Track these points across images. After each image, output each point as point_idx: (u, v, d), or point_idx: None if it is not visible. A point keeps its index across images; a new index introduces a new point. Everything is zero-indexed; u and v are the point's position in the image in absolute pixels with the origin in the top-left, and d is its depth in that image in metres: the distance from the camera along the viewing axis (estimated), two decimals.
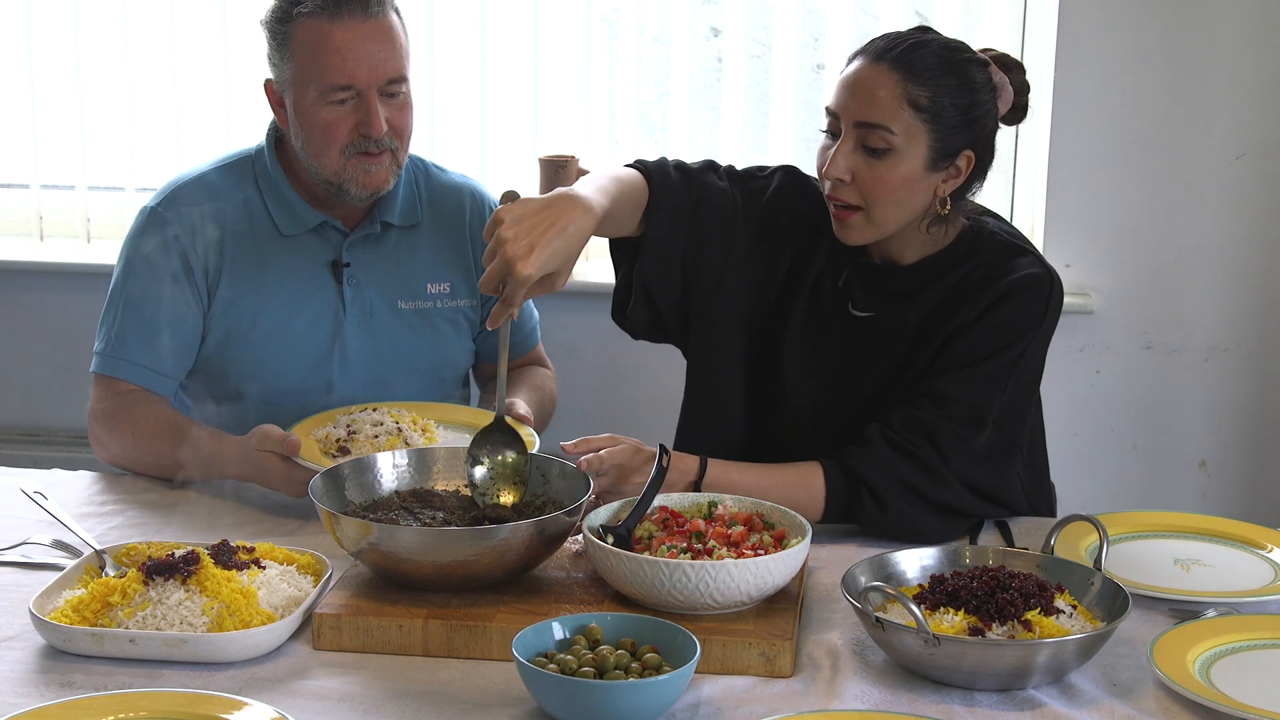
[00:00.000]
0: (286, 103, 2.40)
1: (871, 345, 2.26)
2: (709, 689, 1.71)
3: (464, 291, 2.56)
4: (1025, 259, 2.22)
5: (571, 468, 2.03)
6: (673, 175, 2.31)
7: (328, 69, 2.33)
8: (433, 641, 1.79)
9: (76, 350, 3.40)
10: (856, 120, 2.16)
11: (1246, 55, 3.29)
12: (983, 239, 2.25)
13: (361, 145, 2.36)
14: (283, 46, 2.37)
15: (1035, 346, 2.21)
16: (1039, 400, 2.33)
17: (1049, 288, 2.21)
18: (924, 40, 2.18)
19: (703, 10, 3.57)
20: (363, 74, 2.33)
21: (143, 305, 2.40)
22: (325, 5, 2.32)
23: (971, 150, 2.18)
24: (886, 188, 2.16)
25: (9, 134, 3.73)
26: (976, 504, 2.19)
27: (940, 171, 2.18)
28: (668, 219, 2.29)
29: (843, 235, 2.23)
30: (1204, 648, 1.77)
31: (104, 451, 2.43)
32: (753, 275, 2.33)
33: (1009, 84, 2.21)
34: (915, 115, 2.13)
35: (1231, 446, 3.47)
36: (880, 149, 2.14)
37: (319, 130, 2.36)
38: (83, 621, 1.78)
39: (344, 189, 2.39)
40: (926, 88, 2.13)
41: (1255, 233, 3.37)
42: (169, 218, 2.42)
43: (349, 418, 2.32)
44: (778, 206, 2.35)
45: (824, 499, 2.16)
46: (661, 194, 2.29)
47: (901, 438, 2.15)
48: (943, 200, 2.19)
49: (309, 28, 2.33)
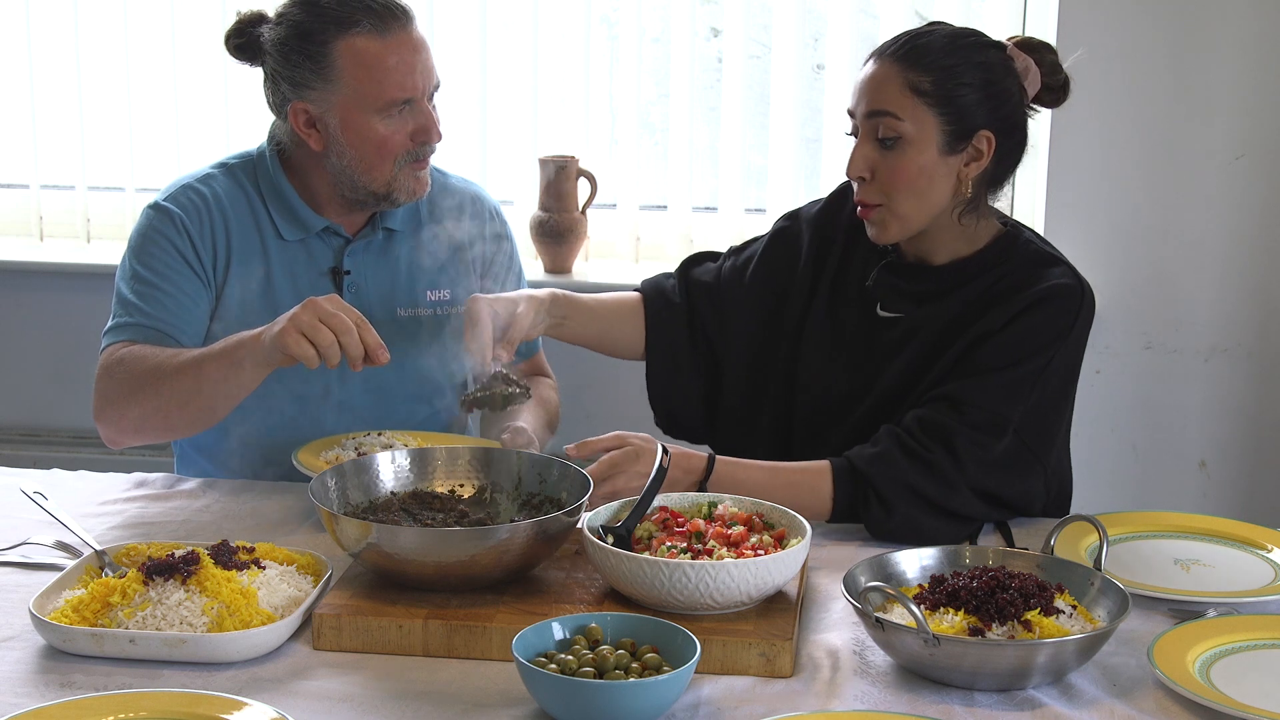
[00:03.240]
0: (330, 124, 2.35)
1: (896, 346, 2.26)
2: (709, 689, 1.71)
3: (464, 298, 2.55)
4: (1058, 269, 2.21)
5: (572, 468, 2.03)
6: (665, 284, 2.48)
7: (388, 84, 2.31)
8: (433, 642, 1.79)
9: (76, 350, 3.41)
10: (866, 113, 2.18)
11: (1246, 55, 3.29)
12: (1017, 246, 2.25)
13: (417, 154, 2.37)
14: (324, 69, 2.32)
15: (1063, 357, 2.19)
16: (1070, 416, 2.31)
17: (1079, 299, 2.19)
18: (930, 31, 2.21)
19: (703, 10, 3.58)
20: (419, 85, 2.34)
21: (153, 283, 2.36)
22: (374, 24, 2.30)
23: (990, 130, 2.18)
24: (903, 178, 2.17)
25: (9, 134, 3.73)
26: (987, 510, 2.18)
27: (958, 155, 2.18)
28: (666, 330, 2.46)
29: (875, 236, 2.25)
30: (1204, 648, 1.77)
31: (111, 414, 2.29)
32: (758, 322, 2.41)
33: (1034, 65, 2.21)
34: (920, 100, 2.15)
35: (1231, 446, 3.47)
36: (890, 138, 2.16)
37: (374, 145, 2.34)
38: (83, 622, 1.78)
39: (392, 197, 2.39)
40: (928, 72, 2.15)
41: (1255, 233, 3.37)
42: (177, 211, 2.41)
43: (355, 441, 2.31)
44: (772, 250, 2.44)
45: (831, 500, 2.16)
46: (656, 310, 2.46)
47: (914, 440, 2.14)
48: (968, 185, 2.19)
49: (358, 46, 2.31)
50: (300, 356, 2.10)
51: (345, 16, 2.31)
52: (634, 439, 2.12)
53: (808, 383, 2.34)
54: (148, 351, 2.28)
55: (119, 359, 2.30)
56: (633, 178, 3.58)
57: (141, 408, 2.27)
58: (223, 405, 2.25)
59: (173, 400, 2.24)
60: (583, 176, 3.46)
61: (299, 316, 2.11)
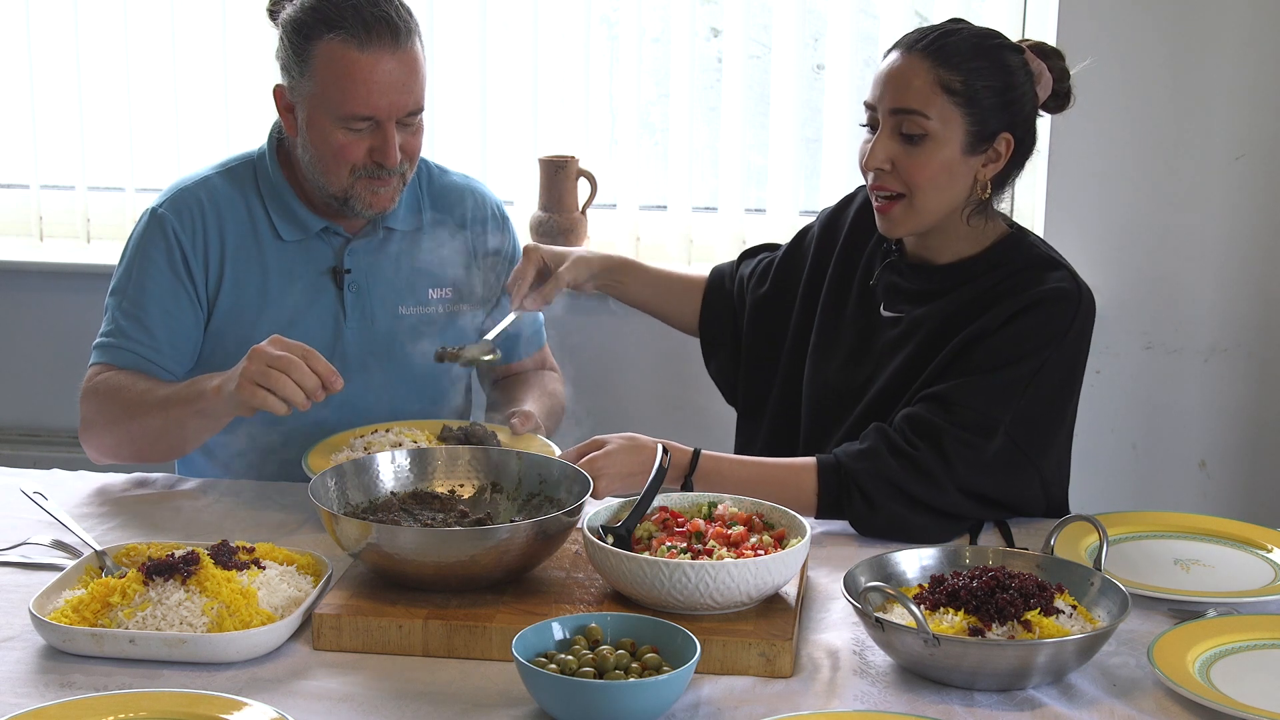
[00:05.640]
0: (299, 115, 2.37)
1: (895, 344, 2.27)
2: (709, 689, 1.71)
3: (466, 295, 2.55)
4: (1057, 273, 2.22)
5: (572, 468, 2.04)
6: (727, 270, 2.58)
7: (350, 97, 2.29)
8: (432, 642, 1.79)
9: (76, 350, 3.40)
10: (892, 108, 2.18)
11: (1246, 55, 3.29)
12: (1020, 249, 2.25)
13: (373, 170, 2.35)
14: (303, 61, 2.32)
15: (1056, 361, 2.19)
16: (1073, 419, 2.31)
17: (1076, 303, 2.19)
18: (956, 29, 2.21)
19: (703, 10, 3.57)
20: (384, 108, 2.30)
21: (142, 303, 2.39)
22: (355, 33, 2.27)
23: (1010, 133, 2.19)
24: (927, 174, 2.17)
25: (9, 134, 3.73)
26: (977, 509, 2.18)
27: (979, 155, 2.19)
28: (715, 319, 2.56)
29: (886, 228, 2.24)
30: (1204, 648, 1.77)
31: (90, 437, 2.37)
32: (774, 313, 2.47)
33: (1047, 70, 2.23)
34: (949, 99, 2.15)
35: (1231, 446, 3.46)
36: (917, 135, 2.16)
37: (331, 151, 2.33)
38: (83, 622, 1.78)
39: (349, 204, 2.39)
40: (959, 72, 2.15)
41: (1255, 233, 3.37)
42: (171, 220, 2.42)
43: (363, 440, 2.31)
44: (792, 256, 2.50)
45: (815, 495, 2.16)
46: (712, 292, 2.57)
47: (901, 438, 2.15)
48: (984, 185, 2.20)
49: (335, 51, 2.29)
50: (264, 408, 2.11)
51: (332, 16, 2.30)
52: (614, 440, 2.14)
53: (811, 382, 2.35)
54: (126, 382, 2.33)
55: (97, 387, 2.35)
56: (633, 178, 3.58)
57: (116, 437, 2.35)
58: (192, 444, 2.33)
59: (142, 437, 2.32)
60: (583, 176, 3.46)
61: (248, 369, 2.10)
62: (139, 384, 2.32)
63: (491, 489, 2.07)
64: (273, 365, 2.09)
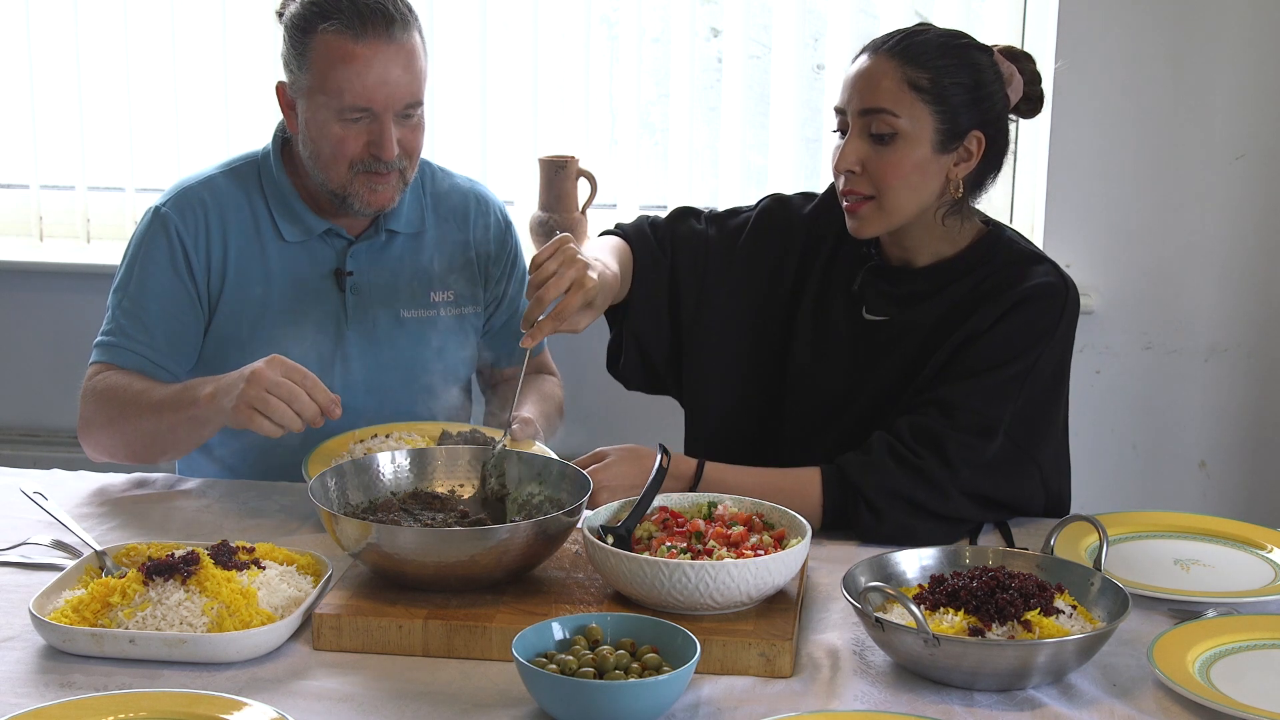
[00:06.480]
0: (299, 110, 2.37)
1: (883, 349, 2.26)
2: (709, 689, 1.71)
3: (468, 299, 2.55)
4: (1041, 267, 2.22)
5: (572, 468, 2.04)
6: (648, 233, 2.41)
7: (346, 89, 2.29)
8: (432, 642, 1.79)
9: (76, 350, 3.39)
10: (861, 109, 2.18)
11: (1246, 55, 3.29)
12: (1000, 246, 2.25)
13: (371, 165, 2.34)
14: (302, 55, 2.32)
15: (1049, 356, 2.19)
16: (1065, 414, 2.31)
17: (1063, 297, 2.20)
18: (922, 29, 2.22)
19: (703, 10, 3.58)
20: (380, 98, 2.30)
21: (144, 302, 2.39)
22: (350, 23, 2.28)
23: (981, 131, 2.19)
24: (897, 173, 2.16)
25: (9, 134, 3.73)
26: (980, 512, 2.18)
27: (950, 154, 2.18)
28: (650, 276, 2.38)
29: (856, 229, 2.23)
30: (1204, 648, 1.77)
31: (89, 436, 2.37)
32: (742, 300, 2.38)
33: (1018, 73, 2.23)
34: (918, 97, 2.15)
35: (1231, 446, 3.47)
36: (886, 134, 2.16)
37: (329, 144, 2.33)
38: (83, 622, 1.78)
39: (348, 202, 2.38)
40: (927, 70, 2.15)
41: (1255, 233, 3.37)
42: (174, 219, 2.41)
43: (363, 445, 2.31)
44: (762, 229, 2.41)
45: (820, 507, 2.15)
46: (642, 253, 2.38)
47: (905, 448, 2.14)
48: (956, 185, 2.19)
49: (331, 43, 2.29)
50: (259, 432, 2.10)
51: (329, 7, 2.30)
52: (611, 450, 2.15)
53: (796, 384, 2.34)
54: (125, 383, 2.33)
55: (96, 386, 2.36)
56: (633, 178, 3.58)
57: (112, 438, 2.35)
58: (185, 448, 2.33)
59: (137, 439, 2.32)
60: (583, 176, 3.46)
61: (246, 392, 2.09)
62: (136, 385, 2.32)
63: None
64: (272, 391, 2.08)
